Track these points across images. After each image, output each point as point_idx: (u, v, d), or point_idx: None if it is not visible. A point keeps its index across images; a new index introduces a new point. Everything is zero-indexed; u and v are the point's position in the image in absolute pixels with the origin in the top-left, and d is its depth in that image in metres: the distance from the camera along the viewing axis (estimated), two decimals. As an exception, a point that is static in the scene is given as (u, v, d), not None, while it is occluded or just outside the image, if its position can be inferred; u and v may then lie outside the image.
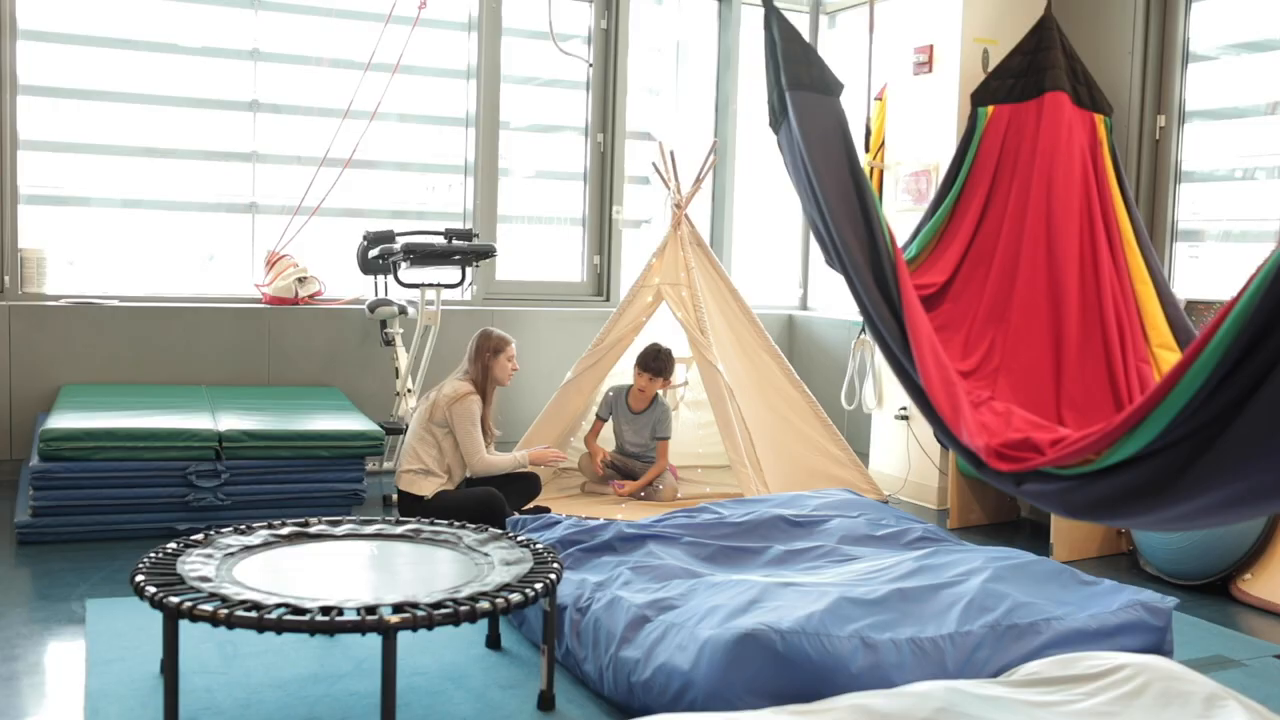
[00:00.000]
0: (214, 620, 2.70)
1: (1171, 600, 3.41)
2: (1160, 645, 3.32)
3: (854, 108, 6.15)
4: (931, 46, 6.03)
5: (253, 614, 2.70)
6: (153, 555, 3.14)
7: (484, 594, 2.91)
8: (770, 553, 3.89)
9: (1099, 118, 2.93)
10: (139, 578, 2.94)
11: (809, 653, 2.86)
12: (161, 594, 2.82)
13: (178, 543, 3.26)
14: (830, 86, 2.60)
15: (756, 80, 7.94)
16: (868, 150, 6.42)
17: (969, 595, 3.24)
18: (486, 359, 5.11)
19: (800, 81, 2.54)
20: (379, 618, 2.71)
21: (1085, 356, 2.63)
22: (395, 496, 5.47)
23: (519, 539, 3.47)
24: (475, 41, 7.07)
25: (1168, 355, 2.87)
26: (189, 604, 2.75)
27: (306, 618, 2.69)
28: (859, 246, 2.38)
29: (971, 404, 2.21)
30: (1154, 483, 1.90)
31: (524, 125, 7.40)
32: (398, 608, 2.78)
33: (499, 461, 5.10)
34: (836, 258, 2.44)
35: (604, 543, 3.86)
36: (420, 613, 2.76)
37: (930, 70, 6.04)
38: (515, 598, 2.92)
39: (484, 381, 5.10)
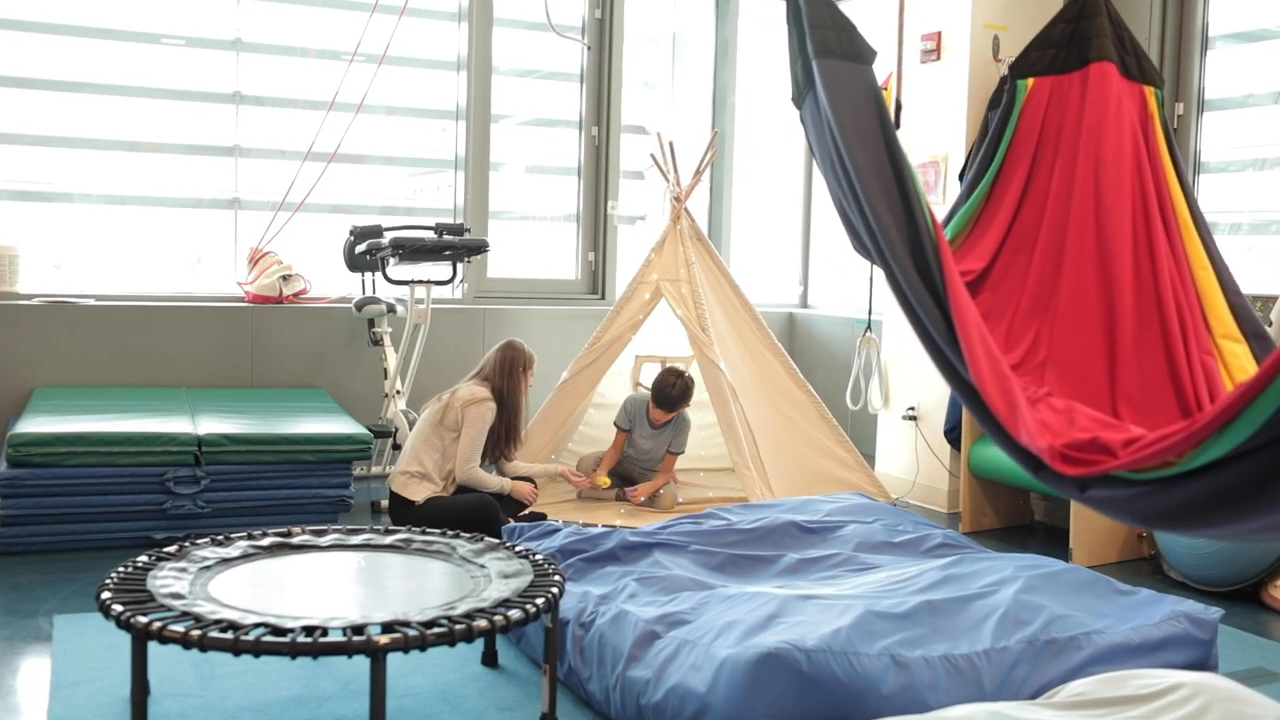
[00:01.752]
0: (185, 642, 2.46)
1: (1216, 611, 3.20)
2: (1206, 660, 3.11)
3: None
4: (940, 33, 5.82)
5: (228, 635, 2.47)
6: (121, 569, 2.90)
7: (481, 611, 2.67)
8: (783, 561, 3.66)
9: (1149, 90, 2.71)
10: (105, 595, 2.70)
11: (836, 673, 2.63)
12: (129, 613, 2.58)
13: (149, 555, 3.02)
14: (862, 54, 2.38)
15: (755, 72, 7.82)
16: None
17: (1002, 607, 3.02)
18: (519, 375, 4.96)
19: (829, 49, 2.32)
20: (367, 638, 2.48)
21: (1142, 349, 2.41)
22: (384, 503, 5.26)
23: (517, 549, 3.24)
24: (465, 32, 6.84)
25: (1233, 347, 2.66)
26: (158, 624, 2.51)
27: (287, 639, 2.46)
28: (897, 229, 2.16)
29: (1029, 401, 1.99)
30: (1243, 488, 1.68)
31: (516, 119, 7.17)
32: (387, 627, 2.55)
33: (486, 479, 4.92)
34: (870, 242, 2.21)
35: (607, 552, 3.63)
36: (412, 632, 2.53)
37: (938, 58, 5.83)
38: (515, 615, 2.69)
39: (509, 395, 4.93)
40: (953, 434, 5.69)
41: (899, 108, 5.38)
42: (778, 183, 7.87)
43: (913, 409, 6.05)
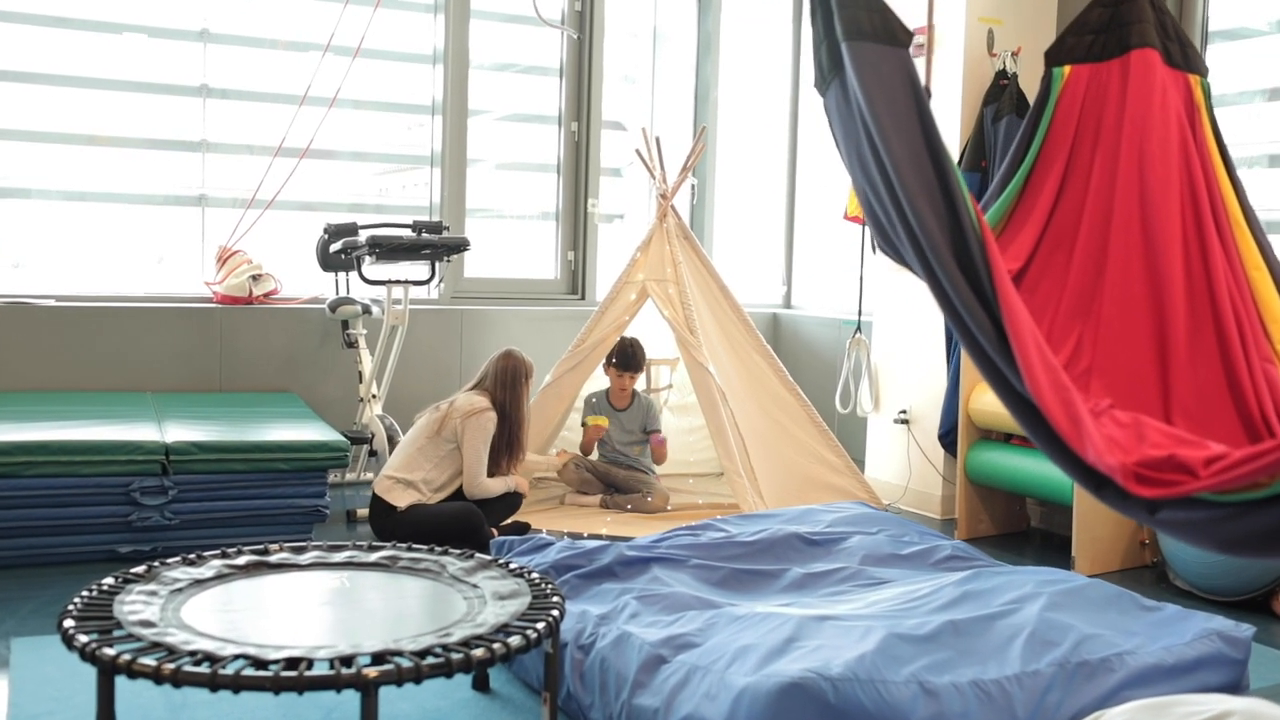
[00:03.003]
0: (157, 677, 2.25)
1: (1248, 629, 3.04)
2: (1239, 680, 2.95)
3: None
4: (931, 27, 5.67)
5: (204, 669, 2.26)
6: (86, 594, 2.67)
7: (479, 638, 2.47)
8: (788, 576, 3.48)
9: (1194, 79, 2.56)
10: (68, 623, 2.48)
11: (864, 703, 2.45)
12: (95, 644, 2.36)
13: (115, 577, 2.80)
14: (897, 35, 2.19)
15: (738, 68, 7.65)
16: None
17: (1028, 627, 2.85)
18: (521, 386, 4.81)
19: (860, 30, 2.13)
20: (357, 671, 2.27)
21: (1197, 356, 2.25)
22: (360, 512, 5.06)
23: (511, 567, 3.04)
24: (442, 24, 6.62)
25: (1294, 356, 2.51)
26: (127, 657, 2.30)
27: (270, 672, 2.25)
28: (938, 225, 1.98)
29: (1092, 414, 1.82)
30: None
31: (493, 114, 6.96)
32: (378, 657, 2.35)
33: (495, 485, 4.75)
34: (908, 239, 2.03)
35: (604, 567, 3.43)
36: (405, 663, 2.32)
37: (929, 53, 5.67)
38: (515, 641, 2.49)
39: (511, 407, 4.78)
40: (948, 438, 5.53)
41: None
42: (760, 181, 7.70)
43: (904, 412, 5.90)
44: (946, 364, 5.58)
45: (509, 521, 4.94)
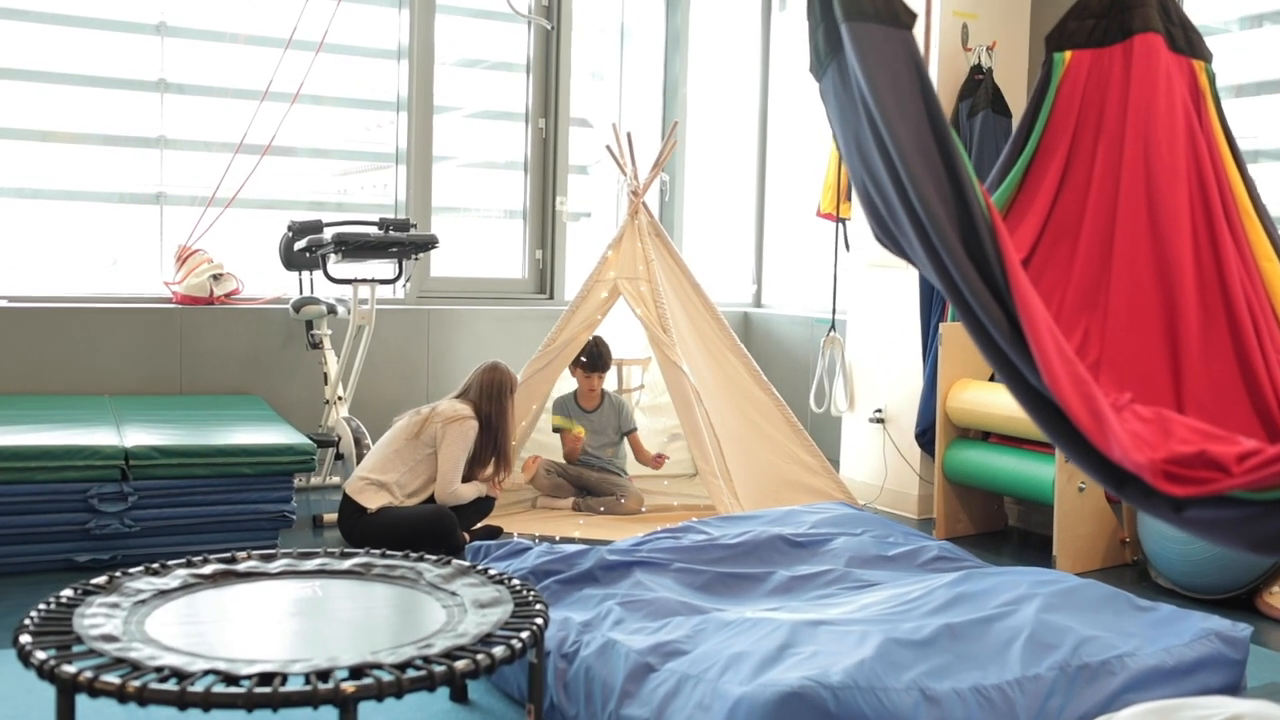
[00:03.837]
0: (122, 696, 2.12)
1: (1246, 628, 2.99)
2: (1238, 682, 2.90)
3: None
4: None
5: (172, 686, 2.13)
6: (43, 606, 2.53)
7: (462, 649, 2.36)
8: (774, 579, 3.39)
9: (1199, 64, 2.49)
10: (24, 638, 2.34)
11: (865, 711, 2.35)
12: (53, 661, 2.22)
13: (75, 589, 2.66)
14: (900, 17, 2.10)
15: (707, 63, 7.56)
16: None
17: (1026, 629, 2.78)
18: (507, 400, 4.75)
19: (861, 11, 2.04)
20: (334, 686, 2.15)
21: (1210, 348, 2.18)
22: (327, 517, 4.93)
23: (490, 573, 2.92)
24: (406, 19, 6.49)
25: (1307, 347, 2.45)
26: (89, 674, 2.16)
27: (242, 689, 2.13)
28: (946, 212, 1.89)
29: (1113, 408, 1.74)
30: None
31: (459, 110, 6.83)
32: (356, 671, 2.23)
33: (467, 492, 4.66)
34: (913, 228, 1.94)
35: (584, 572, 3.33)
36: (386, 677, 2.21)
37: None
38: (500, 652, 2.38)
39: (497, 419, 4.72)
40: (924, 437, 5.47)
41: None
42: (729, 179, 7.62)
43: (880, 411, 5.83)
44: (923, 362, 5.52)
45: (480, 525, 4.83)
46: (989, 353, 1.88)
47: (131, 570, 2.83)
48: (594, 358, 5.46)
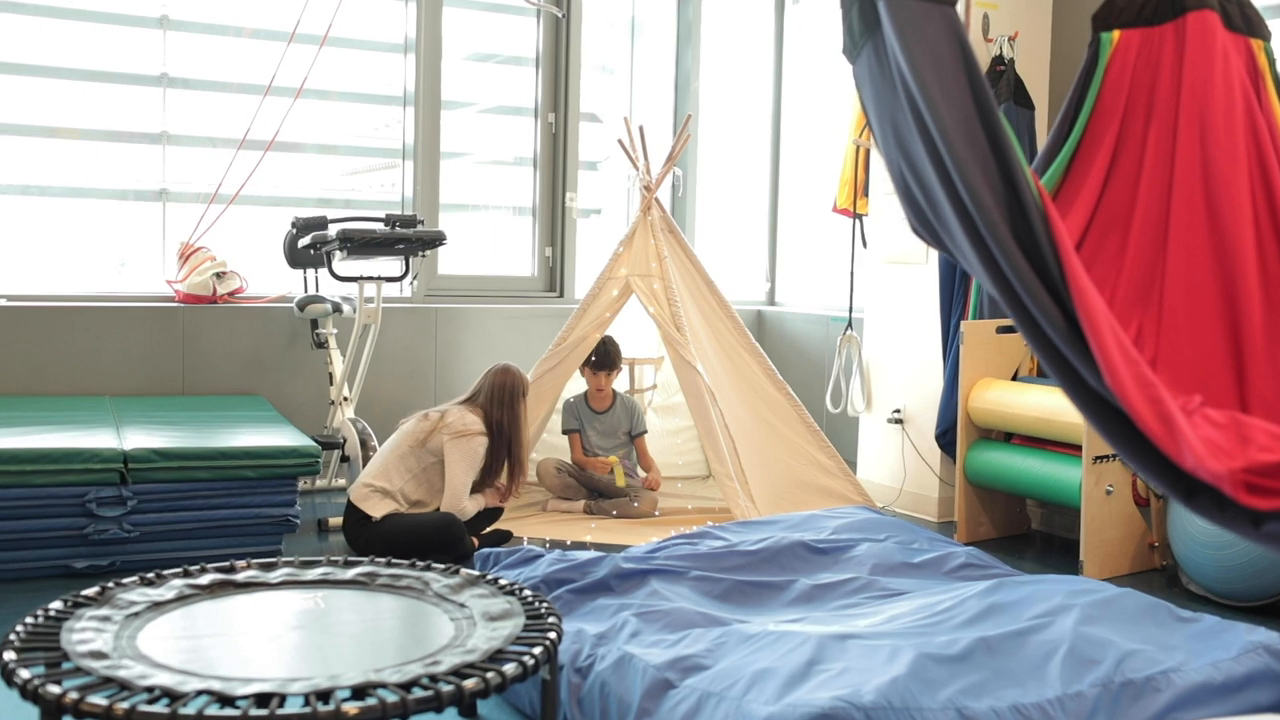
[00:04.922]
0: (109, 718, 1.99)
1: (1295, 641, 2.84)
2: (1288, 697, 2.75)
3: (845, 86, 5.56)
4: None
5: (162, 707, 2.00)
6: (30, 621, 2.41)
7: (471, 667, 2.23)
8: (795, 588, 3.25)
9: (1257, 43, 2.34)
10: (8, 655, 2.21)
11: (900, 735, 2.22)
12: (38, 681, 2.10)
13: (64, 601, 2.53)
14: (942, -10, 1.96)
15: (719, 57, 7.42)
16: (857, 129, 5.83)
17: (1065, 643, 2.64)
18: (519, 405, 4.61)
19: (901, -16, 1.90)
20: (335, 708, 2.02)
21: (1275, 344, 2.04)
22: (333, 521, 4.81)
23: (501, 583, 2.79)
24: (414, 12, 6.36)
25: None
26: (75, 695, 2.04)
27: (238, 711, 2.00)
28: (993, 197, 1.75)
29: (1183, 412, 1.60)
30: None
31: (467, 106, 6.71)
32: (358, 691, 2.10)
33: (473, 507, 4.53)
34: (956, 213, 1.80)
35: (598, 581, 3.19)
36: (390, 698, 2.08)
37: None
38: (511, 669, 2.24)
39: (509, 426, 4.57)
40: (945, 438, 5.32)
41: None
42: (743, 175, 7.47)
43: (898, 411, 5.68)
44: (943, 361, 5.37)
45: (489, 530, 4.70)
46: (1043, 352, 1.74)
47: (125, 580, 2.70)
48: (602, 356, 5.33)
